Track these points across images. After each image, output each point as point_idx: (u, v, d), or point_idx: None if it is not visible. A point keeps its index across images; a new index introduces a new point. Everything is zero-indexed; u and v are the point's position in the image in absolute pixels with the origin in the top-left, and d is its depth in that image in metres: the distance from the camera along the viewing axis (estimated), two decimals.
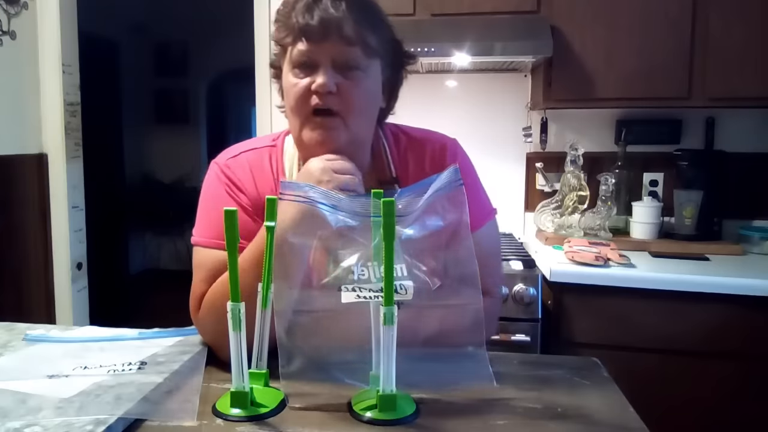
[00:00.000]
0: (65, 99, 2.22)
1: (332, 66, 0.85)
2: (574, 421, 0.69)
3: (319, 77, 0.84)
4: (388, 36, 0.92)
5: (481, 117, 2.33)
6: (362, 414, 0.69)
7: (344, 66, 0.86)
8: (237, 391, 0.69)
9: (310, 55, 0.86)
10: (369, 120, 0.93)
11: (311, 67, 0.86)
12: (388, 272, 0.65)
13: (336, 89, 0.85)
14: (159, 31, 5.13)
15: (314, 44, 0.85)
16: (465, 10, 1.97)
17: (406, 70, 0.98)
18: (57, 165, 2.23)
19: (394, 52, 0.94)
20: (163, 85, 5.32)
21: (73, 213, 2.28)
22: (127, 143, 5.06)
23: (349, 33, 0.84)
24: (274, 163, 0.97)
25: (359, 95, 0.87)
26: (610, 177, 2.03)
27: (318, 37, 0.84)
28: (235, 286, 0.67)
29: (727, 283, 1.59)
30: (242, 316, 0.68)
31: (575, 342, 1.69)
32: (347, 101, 0.86)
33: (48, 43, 2.17)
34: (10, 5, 2.05)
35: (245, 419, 0.68)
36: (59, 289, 2.28)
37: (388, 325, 0.65)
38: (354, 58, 0.86)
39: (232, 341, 0.68)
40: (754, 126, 2.16)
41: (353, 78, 0.86)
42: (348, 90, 0.86)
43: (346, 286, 0.69)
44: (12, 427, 0.62)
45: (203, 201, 0.96)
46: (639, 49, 1.90)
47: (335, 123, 0.87)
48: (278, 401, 0.72)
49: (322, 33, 0.84)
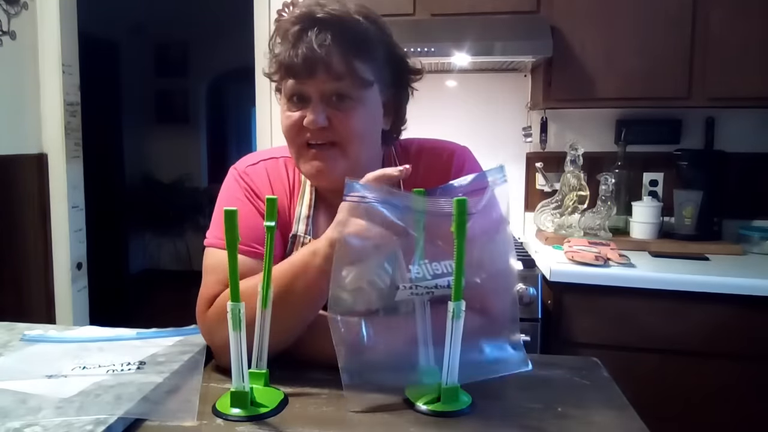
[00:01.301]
0: (65, 99, 2.22)
1: (322, 100, 0.85)
2: (574, 421, 0.69)
3: (309, 114, 0.84)
4: (387, 57, 0.90)
5: (481, 117, 2.33)
6: (426, 407, 0.70)
7: (335, 98, 0.85)
8: (237, 391, 0.69)
9: (299, 90, 0.86)
10: (369, 145, 0.92)
11: (303, 99, 0.86)
12: (458, 268, 0.66)
13: (328, 123, 0.85)
14: (159, 31, 5.13)
15: (301, 81, 0.85)
16: (465, 10, 1.97)
17: (411, 87, 0.96)
18: (57, 165, 2.23)
19: (396, 71, 0.93)
20: (163, 85, 5.32)
21: (73, 213, 2.28)
22: (127, 143, 5.06)
23: (335, 68, 0.83)
24: (291, 173, 0.98)
25: (354, 125, 0.86)
26: (610, 177, 2.03)
27: (304, 75, 0.84)
28: (235, 286, 0.67)
29: (727, 283, 1.59)
30: (242, 316, 0.68)
31: (575, 342, 1.69)
32: (341, 132, 0.86)
33: (48, 43, 2.17)
34: (10, 5, 2.05)
35: (245, 419, 0.68)
36: (59, 289, 2.28)
37: (457, 319, 0.67)
38: (344, 90, 0.85)
39: (232, 341, 0.68)
40: (754, 126, 2.16)
41: (345, 109, 0.85)
42: (341, 122, 0.85)
43: (404, 285, 0.70)
44: (12, 427, 0.62)
45: (220, 204, 0.96)
46: (639, 49, 1.90)
47: (332, 153, 0.87)
48: (278, 401, 0.72)
49: (308, 70, 0.83)
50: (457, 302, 0.67)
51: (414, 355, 0.74)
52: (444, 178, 0.88)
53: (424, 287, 0.71)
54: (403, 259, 0.72)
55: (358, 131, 0.87)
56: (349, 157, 0.87)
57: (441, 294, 0.70)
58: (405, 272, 0.71)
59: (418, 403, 0.71)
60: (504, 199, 0.74)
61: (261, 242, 0.82)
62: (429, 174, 0.95)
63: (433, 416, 0.70)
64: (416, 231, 0.72)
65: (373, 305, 0.73)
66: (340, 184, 0.79)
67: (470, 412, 0.70)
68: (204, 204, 5.27)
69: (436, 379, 0.71)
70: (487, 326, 0.76)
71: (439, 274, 0.71)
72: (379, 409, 0.71)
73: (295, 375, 0.82)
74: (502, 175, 0.74)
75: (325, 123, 0.84)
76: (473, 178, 0.76)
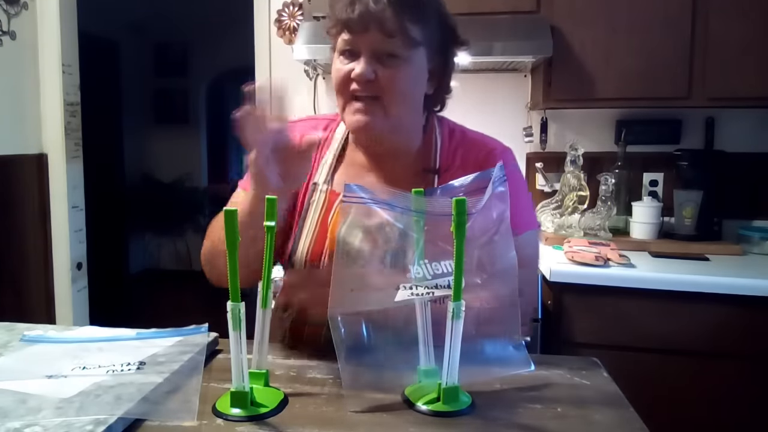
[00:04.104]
0: (65, 99, 2.22)
1: (372, 55, 0.90)
2: (574, 421, 0.69)
3: (358, 66, 0.90)
4: (438, 23, 0.95)
5: (481, 117, 2.32)
6: (426, 407, 0.70)
7: (384, 55, 0.90)
8: (237, 391, 0.69)
9: (352, 44, 0.91)
10: (411, 106, 0.97)
11: (354, 54, 0.91)
12: (458, 268, 0.66)
13: (375, 77, 0.90)
14: (159, 31, 5.13)
15: (355, 35, 0.90)
16: (465, 10, 1.97)
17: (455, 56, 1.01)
18: (57, 165, 2.23)
19: (445, 38, 0.97)
20: (163, 85, 5.32)
21: (73, 213, 2.28)
22: (127, 143, 5.06)
23: (387, 26, 0.88)
24: (325, 134, 1.04)
25: (398, 82, 0.91)
26: (610, 177, 2.03)
27: (358, 30, 0.89)
28: (234, 286, 0.67)
29: (727, 283, 1.59)
30: (242, 316, 0.68)
31: (575, 342, 1.69)
32: (386, 88, 0.90)
33: (48, 43, 2.17)
34: (10, 5, 2.05)
35: (245, 419, 0.68)
36: (59, 289, 2.28)
37: (456, 319, 0.67)
38: (393, 49, 0.89)
39: (232, 341, 0.68)
40: (754, 126, 2.16)
41: (392, 66, 0.90)
42: (387, 78, 0.90)
43: (404, 285, 0.71)
44: (12, 427, 0.62)
45: None
46: (639, 49, 1.90)
47: (374, 108, 0.92)
48: (278, 401, 0.72)
49: (362, 26, 0.89)
50: (457, 302, 0.67)
51: (414, 355, 0.74)
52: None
53: (424, 287, 0.71)
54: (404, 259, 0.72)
55: (401, 88, 0.92)
56: (390, 114, 0.92)
57: (441, 294, 0.70)
58: (406, 272, 0.72)
59: (418, 403, 0.71)
60: (505, 198, 0.74)
61: None
62: (465, 163, 0.99)
63: (433, 416, 0.69)
64: (416, 231, 0.72)
65: (373, 305, 0.73)
66: (379, 139, 0.95)
67: (470, 412, 0.70)
68: (204, 204, 5.27)
69: (435, 380, 0.71)
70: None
71: (439, 274, 0.71)
72: (379, 409, 0.71)
73: (294, 375, 0.82)
74: (502, 175, 0.75)
75: (372, 76, 0.90)
76: (473, 178, 0.76)
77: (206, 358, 0.85)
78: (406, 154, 1.00)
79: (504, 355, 0.76)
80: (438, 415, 0.69)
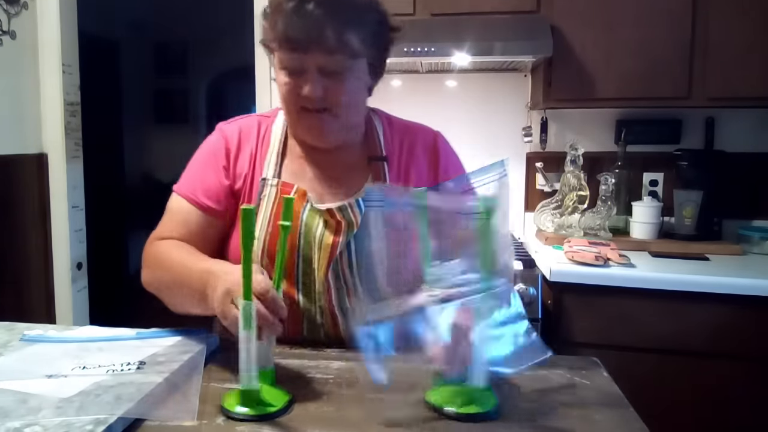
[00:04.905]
0: (65, 99, 2.22)
1: (317, 71, 0.90)
2: (574, 421, 0.69)
3: (306, 86, 0.90)
4: (373, 22, 0.94)
5: (481, 117, 2.33)
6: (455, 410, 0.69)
7: (329, 71, 0.90)
8: (246, 390, 0.69)
9: (296, 62, 0.90)
10: (358, 107, 0.99)
11: (298, 71, 0.91)
12: (485, 268, 0.66)
13: (323, 92, 0.90)
14: (159, 31, 5.13)
15: (298, 54, 0.89)
16: (465, 10, 1.97)
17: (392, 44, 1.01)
18: (57, 165, 2.23)
19: (381, 33, 0.96)
20: (163, 85, 5.32)
21: (73, 213, 2.28)
22: (127, 143, 5.06)
23: (329, 44, 0.87)
24: (263, 131, 1.05)
25: (346, 94, 0.93)
26: (610, 177, 2.03)
27: (301, 48, 0.88)
28: (248, 283, 0.67)
29: (727, 283, 1.59)
30: (253, 314, 0.68)
31: (575, 342, 1.69)
32: (334, 101, 0.92)
33: (48, 43, 2.17)
34: (10, 5, 2.05)
35: (254, 418, 0.68)
36: (59, 289, 2.28)
37: (483, 319, 0.67)
38: (337, 65, 0.90)
39: (242, 340, 0.68)
40: (754, 126, 2.16)
41: (339, 80, 0.91)
42: (334, 91, 0.92)
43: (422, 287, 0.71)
44: (12, 427, 0.62)
45: (194, 157, 1.07)
46: (639, 49, 1.90)
47: (325, 118, 0.94)
48: (285, 400, 0.72)
49: (305, 44, 0.88)
50: (486, 302, 0.67)
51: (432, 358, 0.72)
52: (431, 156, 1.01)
53: (441, 289, 0.70)
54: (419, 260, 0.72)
55: (349, 98, 0.94)
56: (340, 121, 0.95)
57: (456, 294, 0.69)
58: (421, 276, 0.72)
59: (446, 407, 0.70)
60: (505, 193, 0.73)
61: (208, 196, 0.99)
62: (412, 149, 1.02)
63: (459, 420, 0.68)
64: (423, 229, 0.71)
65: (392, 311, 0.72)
66: (332, 143, 0.98)
67: (496, 412, 0.70)
68: None
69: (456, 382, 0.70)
70: None
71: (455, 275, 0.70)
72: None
73: (298, 375, 0.82)
74: (504, 169, 0.74)
75: (321, 93, 0.91)
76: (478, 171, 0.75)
77: (206, 358, 0.85)
78: (348, 145, 1.02)
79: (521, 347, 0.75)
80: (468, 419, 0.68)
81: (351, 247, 0.94)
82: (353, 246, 0.94)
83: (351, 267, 0.94)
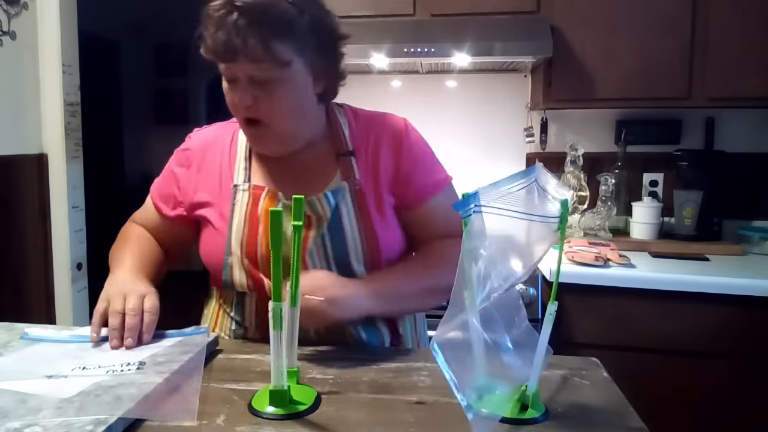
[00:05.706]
0: (65, 99, 2.21)
1: (248, 81, 0.90)
2: (574, 421, 0.69)
3: (236, 95, 0.91)
4: (312, 29, 0.92)
5: (481, 117, 2.33)
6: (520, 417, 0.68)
7: (260, 80, 0.90)
8: (276, 390, 0.70)
9: (228, 72, 0.91)
10: (301, 115, 0.97)
11: (233, 80, 0.92)
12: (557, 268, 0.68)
13: (255, 101, 0.90)
14: (159, 31, 5.13)
15: (227, 64, 0.90)
16: (465, 10, 1.97)
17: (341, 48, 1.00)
18: (57, 165, 2.23)
19: (322, 40, 0.95)
20: (163, 85, 5.32)
21: (73, 213, 2.28)
22: (127, 143, 5.06)
23: (253, 54, 0.87)
24: (231, 138, 1.07)
25: (279, 103, 0.92)
26: (610, 177, 2.03)
27: (228, 59, 0.89)
28: (277, 285, 0.67)
29: (727, 284, 1.59)
30: (284, 316, 0.68)
31: (575, 342, 1.69)
32: (266, 112, 0.92)
33: (48, 43, 2.17)
34: (10, 5, 2.05)
35: (285, 417, 0.68)
36: (59, 289, 2.27)
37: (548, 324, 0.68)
38: (265, 74, 0.89)
39: (273, 339, 0.68)
40: (754, 126, 2.16)
41: (270, 90, 0.91)
42: (266, 102, 0.91)
43: None
44: (12, 427, 0.62)
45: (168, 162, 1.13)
46: (639, 49, 1.90)
47: (260, 131, 0.94)
48: (313, 399, 0.72)
49: (231, 55, 0.88)
50: (553, 304, 0.67)
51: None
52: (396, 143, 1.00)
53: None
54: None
55: (283, 108, 0.93)
56: (277, 132, 0.95)
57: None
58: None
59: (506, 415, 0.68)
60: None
61: (164, 202, 1.08)
62: (379, 141, 1.01)
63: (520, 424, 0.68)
64: None
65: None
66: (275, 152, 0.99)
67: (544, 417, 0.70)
68: None
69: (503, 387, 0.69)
70: None
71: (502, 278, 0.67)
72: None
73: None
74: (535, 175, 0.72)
75: (249, 103, 0.91)
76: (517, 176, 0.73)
77: (206, 358, 0.85)
78: (313, 144, 1.02)
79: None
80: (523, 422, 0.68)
81: (326, 240, 0.95)
82: (327, 239, 0.95)
83: (327, 259, 0.96)
